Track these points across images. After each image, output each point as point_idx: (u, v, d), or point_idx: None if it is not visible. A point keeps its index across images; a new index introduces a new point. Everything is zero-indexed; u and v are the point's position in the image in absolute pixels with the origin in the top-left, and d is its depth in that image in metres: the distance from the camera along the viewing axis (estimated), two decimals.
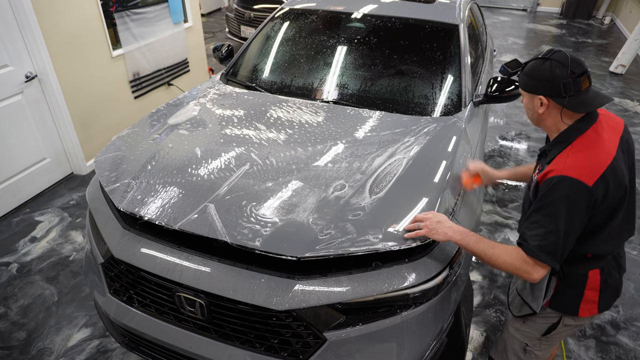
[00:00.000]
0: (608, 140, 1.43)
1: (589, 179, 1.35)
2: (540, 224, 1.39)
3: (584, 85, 1.40)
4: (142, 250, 1.72)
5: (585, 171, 1.35)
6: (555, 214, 1.36)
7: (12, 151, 3.31)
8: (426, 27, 2.77)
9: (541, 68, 1.43)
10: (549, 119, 1.49)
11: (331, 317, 1.55)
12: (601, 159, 1.38)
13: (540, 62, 1.44)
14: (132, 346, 1.94)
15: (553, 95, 1.42)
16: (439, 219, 1.57)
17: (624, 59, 6.58)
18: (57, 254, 3.02)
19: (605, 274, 1.55)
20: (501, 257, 1.44)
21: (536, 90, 1.45)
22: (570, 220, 1.36)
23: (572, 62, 1.39)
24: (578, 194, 1.34)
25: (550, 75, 1.40)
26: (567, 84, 1.38)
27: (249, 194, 1.77)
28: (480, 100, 2.58)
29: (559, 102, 1.42)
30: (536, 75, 1.44)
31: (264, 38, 3.05)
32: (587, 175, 1.35)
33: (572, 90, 1.38)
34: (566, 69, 1.38)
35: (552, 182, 1.38)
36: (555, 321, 1.66)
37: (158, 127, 2.30)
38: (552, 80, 1.39)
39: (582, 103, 1.40)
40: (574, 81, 1.38)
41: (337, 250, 1.52)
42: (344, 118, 2.33)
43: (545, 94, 1.43)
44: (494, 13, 10.67)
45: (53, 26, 3.32)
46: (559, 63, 1.39)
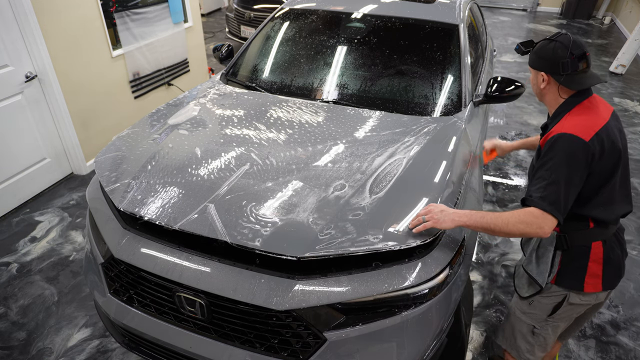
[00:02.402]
0: (601, 110, 1.59)
1: (586, 134, 1.48)
2: (543, 177, 1.51)
3: (582, 66, 1.56)
4: (142, 250, 1.72)
5: (582, 128, 1.50)
6: (555, 167, 1.48)
7: (12, 151, 3.31)
8: (426, 27, 2.77)
9: (546, 48, 1.60)
10: (549, 94, 1.65)
11: (331, 317, 1.55)
12: (596, 120, 1.54)
13: (546, 42, 1.61)
14: (132, 346, 1.94)
15: (552, 73, 1.59)
16: (441, 209, 1.62)
17: (624, 59, 6.58)
18: (57, 254, 3.02)
19: (607, 248, 1.63)
20: (510, 221, 1.50)
21: (539, 67, 1.63)
22: (570, 171, 1.47)
23: (573, 44, 1.55)
24: (576, 148, 1.47)
25: (552, 54, 1.57)
26: (565, 64, 1.54)
27: (249, 194, 1.77)
28: (480, 100, 2.58)
29: (557, 79, 1.59)
30: (541, 54, 1.61)
31: (264, 38, 3.05)
32: (583, 131, 1.49)
33: (569, 69, 1.55)
34: (566, 50, 1.54)
35: (552, 141, 1.52)
36: (560, 299, 1.72)
37: (158, 127, 2.30)
38: (553, 59, 1.57)
39: (575, 81, 1.57)
40: (571, 62, 1.54)
41: (337, 250, 1.52)
42: (344, 118, 2.33)
43: (546, 71, 1.61)
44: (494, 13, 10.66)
45: (53, 26, 3.32)
46: (561, 44, 1.56)
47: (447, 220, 1.57)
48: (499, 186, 3.92)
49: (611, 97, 5.90)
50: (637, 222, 3.48)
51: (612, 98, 5.87)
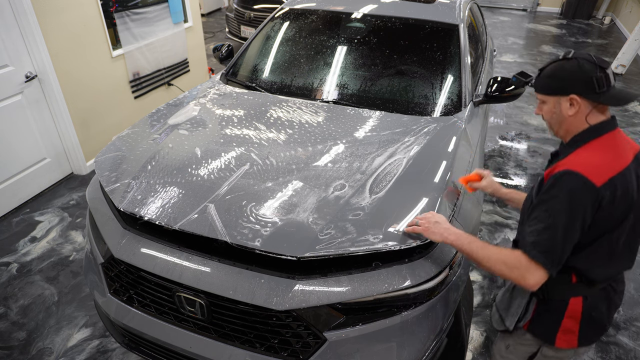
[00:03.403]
0: (624, 150, 1.36)
1: (598, 178, 1.26)
2: (539, 219, 1.32)
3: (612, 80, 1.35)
4: (142, 250, 1.72)
5: (596, 169, 1.28)
6: (555, 209, 1.28)
7: (12, 151, 3.31)
8: (426, 27, 2.77)
9: (568, 66, 1.36)
10: (575, 121, 1.39)
11: (331, 317, 1.55)
12: (614, 163, 1.30)
13: (562, 62, 1.38)
14: (132, 346, 1.94)
15: (586, 92, 1.33)
16: (437, 220, 1.54)
17: (624, 59, 6.58)
18: (57, 254, 3.02)
19: (588, 305, 1.43)
20: (492, 257, 1.37)
21: (566, 90, 1.36)
22: (572, 217, 1.27)
23: (596, 58, 1.35)
24: (583, 191, 1.26)
25: (580, 71, 1.33)
26: (600, 78, 1.31)
27: (249, 194, 1.77)
28: (480, 100, 2.58)
29: (593, 99, 1.33)
30: (564, 74, 1.36)
31: (264, 38, 3.05)
32: (596, 173, 1.27)
33: (605, 85, 1.32)
34: (594, 64, 1.32)
35: (557, 176, 1.30)
36: (534, 350, 1.60)
37: (158, 127, 2.30)
38: (583, 77, 1.32)
39: (617, 96, 1.33)
40: (605, 75, 1.32)
41: (337, 250, 1.52)
42: (344, 118, 2.33)
43: (577, 92, 1.34)
44: (494, 13, 10.66)
45: (53, 26, 3.32)
46: (584, 60, 1.34)
47: (437, 233, 1.50)
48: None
49: None
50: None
51: None
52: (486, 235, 3.30)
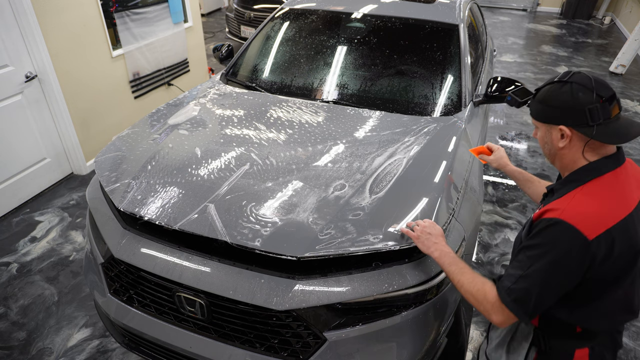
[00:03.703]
0: (629, 192, 1.20)
1: (590, 230, 1.11)
2: (520, 265, 1.20)
3: (613, 112, 1.18)
4: (142, 250, 1.72)
5: (589, 220, 1.13)
6: (537, 259, 1.16)
7: (12, 151, 3.31)
8: (426, 27, 2.77)
9: (560, 93, 1.21)
10: (569, 154, 1.25)
11: (331, 317, 1.55)
12: (614, 210, 1.15)
13: (557, 86, 1.22)
14: (132, 346, 1.94)
15: (577, 125, 1.19)
16: (431, 232, 1.48)
17: (624, 59, 6.58)
18: (57, 254, 3.02)
19: (595, 356, 1.30)
20: (464, 285, 1.30)
21: (556, 120, 1.22)
22: (553, 272, 1.14)
23: (596, 83, 1.18)
24: (571, 246, 1.12)
25: (572, 100, 1.18)
26: (594, 110, 1.15)
27: (249, 194, 1.77)
28: (480, 100, 2.58)
29: (585, 133, 1.18)
30: (555, 102, 1.22)
31: (264, 38, 3.05)
32: (589, 225, 1.12)
33: (601, 118, 1.16)
34: (591, 92, 1.16)
35: (546, 223, 1.17)
36: None
37: (158, 127, 2.30)
38: (576, 107, 1.17)
39: (614, 132, 1.17)
40: (601, 106, 1.16)
41: (337, 250, 1.52)
42: (344, 118, 2.33)
43: (567, 124, 1.20)
44: (494, 13, 10.67)
45: (53, 26, 3.32)
46: (581, 86, 1.18)
47: (424, 245, 1.46)
48: (499, 186, 3.92)
49: None
50: None
51: None
52: (486, 236, 3.30)
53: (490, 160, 1.84)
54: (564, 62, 7.20)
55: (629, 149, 4.56)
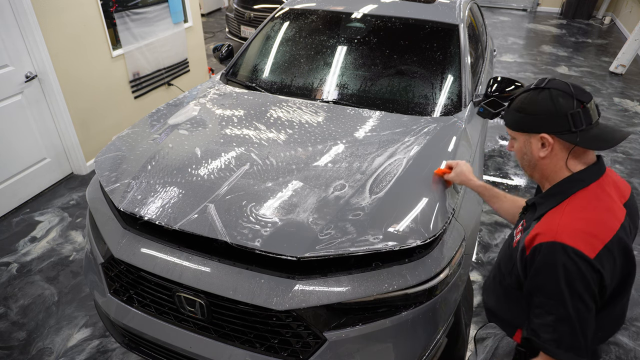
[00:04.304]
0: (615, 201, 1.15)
1: (591, 249, 1.05)
2: (546, 309, 1.09)
3: (594, 116, 1.14)
4: (142, 250, 1.72)
5: (586, 238, 1.06)
6: (559, 296, 1.06)
7: (12, 151, 3.31)
8: (426, 27, 2.77)
9: (539, 100, 1.15)
10: (550, 164, 1.19)
11: (331, 317, 1.55)
12: (607, 223, 1.09)
13: (534, 93, 1.17)
14: (132, 346, 1.94)
15: (559, 132, 1.13)
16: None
17: (624, 59, 6.58)
18: (57, 254, 3.02)
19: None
20: None
21: (536, 128, 1.16)
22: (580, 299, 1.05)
23: (575, 89, 1.14)
24: (579, 267, 1.04)
25: (553, 106, 1.13)
26: (577, 115, 1.11)
27: (249, 194, 1.77)
28: (480, 100, 2.58)
29: (568, 140, 1.13)
30: (534, 110, 1.16)
31: (264, 38, 3.05)
32: (588, 243, 1.05)
33: (584, 123, 1.11)
34: (571, 98, 1.12)
35: (542, 251, 1.09)
36: None
37: (158, 127, 2.30)
38: (557, 113, 1.12)
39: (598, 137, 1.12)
40: (583, 111, 1.11)
41: (337, 250, 1.52)
42: (344, 118, 2.33)
43: (549, 131, 1.14)
44: (494, 13, 10.66)
45: (53, 26, 3.32)
46: (560, 91, 1.13)
47: None
48: (498, 186, 3.92)
49: (611, 97, 5.90)
50: None
51: (612, 98, 5.87)
52: (486, 235, 3.30)
53: (451, 178, 1.77)
54: (564, 62, 7.19)
55: (629, 149, 4.56)
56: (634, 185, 3.98)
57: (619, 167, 4.22)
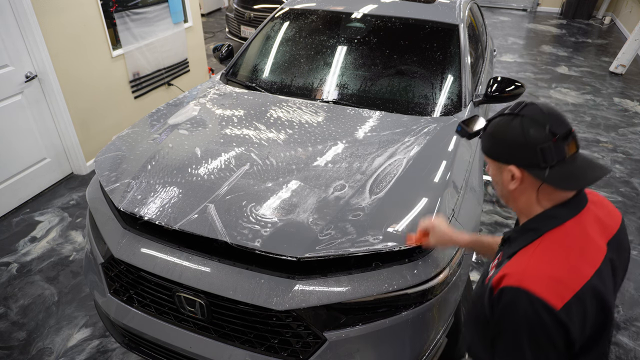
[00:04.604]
0: (594, 241, 1.04)
1: (557, 298, 0.94)
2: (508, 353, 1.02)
3: (569, 151, 1.01)
4: (142, 250, 1.72)
5: (553, 286, 0.96)
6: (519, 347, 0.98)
7: (12, 151, 3.31)
8: (426, 27, 2.77)
9: (509, 128, 1.05)
10: (522, 197, 1.10)
11: (331, 317, 1.55)
12: (579, 268, 0.99)
13: (507, 119, 1.07)
14: (132, 346, 1.94)
15: (527, 166, 1.04)
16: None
17: (624, 59, 6.58)
18: (57, 254, 3.02)
19: None
20: None
21: (505, 159, 1.07)
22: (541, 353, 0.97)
23: (550, 118, 1.02)
24: (541, 320, 0.94)
25: (522, 137, 1.02)
26: (547, 150, 1.00)
27: (249, 194, 1.77)
28: (480, 100, 2.58)
29: (537, 175, 1.03)
30: (503, 138, 1.06)
31: (264, 38, 3.05)
32: (554, 292, 0.95)
33: (554, 159, 1.00)
34: (543, 129, 1.01)
35: (505, 297, 0.99)
36: None
37: (158, 127, 2.30)
38: (526, 145, 1.02)
39: (569, 175, 1.01)
40: (555, 145, 1.00)
41: (337, 250, 1.53)
42: (344, 118, 2.33)
43: (517, 164, 1.05)
44: (494, 13, 10.66)
45: (53, 26, 3.32)
46: (532, 120, 1.02)
47: None
48: None
49: (611, 97, 5.91)
50: (637, 222, 3.48)
51: (612, 98, 5.87)
52: None
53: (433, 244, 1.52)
54: (564, 62, 7.19)
55: (629, 149, 4.56)
56: (633, 185, 3.98)
57: (619, 167, 4.22)
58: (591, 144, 4.64)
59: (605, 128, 5.03)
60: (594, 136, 4.82)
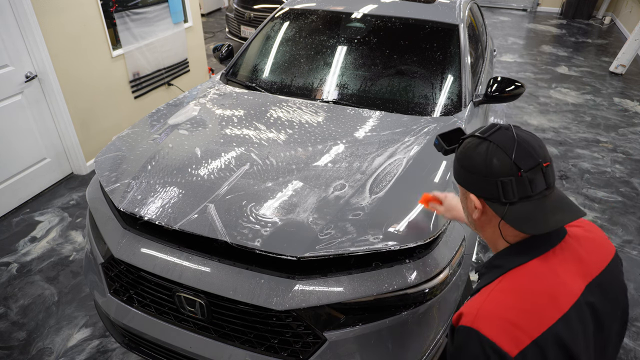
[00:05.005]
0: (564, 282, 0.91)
1: (511, 344, 0.84)
2: None
3: (535, 188, 0.90)
4: (142, 250, 1.72)
5: (508, 329, 0.86)
6: None
7: (12, 151, 3.31)
8: (426, 27, 2.77)
9: (475, 153, 0.95)
10: (486, 229, 1.02)
11: (331, 317, 1.55)
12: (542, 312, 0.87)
13: (475, 142, 0.97)
14: (132, 346, 1.94)
15: (487, 198, 0.95)
16: None
17: (624, 59, 6.58)
18: (57, 254, 3.02)
19: None
20: None
21: (467, 185, 0.99)
22: None
23: (519, 148, 0.91)
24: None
25: (484, 166, 0.93)
26: (507, 185, 0.90)
27: (249, 194, 1.77)
28: (480, 100, 2.58)
29: (496, 210, 0.95)
30: (467, 163, 0.97)
31: (264, 38, 3.05)
32: (509, 336, 0.85)
33: (516, 195, 0.91)
34: (509, 159, 0.90)
35: (458, 336, 0.92)
36: None
37: (158, 127, 2.30)
38: (487, 175, 0.93)
39: (528, 217, 0.91)
40: (517, 180, 0.90)
41: (337, 250, 1.52)
42: (344, 118, 2.33)
43: (477, 194, 0.97)
44: (494, 13, 10.66)
45: (53, 26, 3.32)
46: (498, 148, 0.92)
47: None
48: None
49: (611, 97, 5.91)
50: (637, 222, 3.48)
51: (612, 98, 5.87)
52: None
53: (442, 213, 1.52)
54: (564, 62, 7.20)
55: (629, 149, 4.56)
56: (633, 185, 3.97)
57: (619, 167, 4.22)
58: (591, 144, 4.64)
59: (605, 128, 5.03)
60: (594, 136, 4.82)
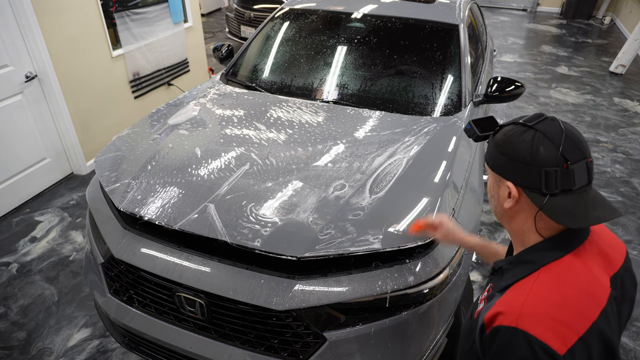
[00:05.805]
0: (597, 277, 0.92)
1: (560, 342, 0.83)
2: None
3: (577, 182, 0.89)
4: (142, 250, 1.72)
5: (556, 327, 0.84)
6: None
7: (12, 151, 3.31)
8: (426, 27, 2.77)
9: (519, 140, 0.93)
10: (517, 219, 0.99)
11: (331, 317, 1.55)
12: (584, 308, 0.87)
13: (519, 129, 0.95)
14: (132, 346, 1.94)
15: (527, 187, 0.93)
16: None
17: (624, 59, 6.58)
18: (57, 254, 3.02)
19: None
20: None
21: (505, 173, 0.96)
22: None
23: (567, 140, 0.90)
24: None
25: (529, 154, 0.91)
26: (552, 175, 0.89)
27: (249, 194, 1.77)
28: (480, 100, 2.58)
29: (534, 200, 0.92)
30: (509, 150, 0.94)
31: (264, 38, 3.05)
32: (557, 336, 0.84)
33: (558, 187, 0.89)
34: (556, 150, 0.89)
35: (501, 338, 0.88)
36: None
37: (158, 127, 2.30)
38: (531, 164, 0.91)
39: (569, 210, 0.89)
40: (563, 172, 0.88)
41: (337, 250, 1.53)
42: (344, 118, 2.33)
43: (516, 182, 0.94)
44: (494, 13, 10.66)
45: (53, 26, 3.32)
46: (546, 138, 0.90)
47: None
48: None
49: (611, 97, 5.91)
50: (637, 222, 3.48)
51: (612, 98, 5.87)
52: (486, 236, 3.29)
53: (440, 239, 1.47)
54: (564, 62, 7.19)
55: (629, 149, 4.56)
56: (633, 185, 3.98)
57: (619, 167, 4.22)
58: (591, 144, 4.64)
59: (605, 128, 5.03)
60: (594, 136, 4.82)
